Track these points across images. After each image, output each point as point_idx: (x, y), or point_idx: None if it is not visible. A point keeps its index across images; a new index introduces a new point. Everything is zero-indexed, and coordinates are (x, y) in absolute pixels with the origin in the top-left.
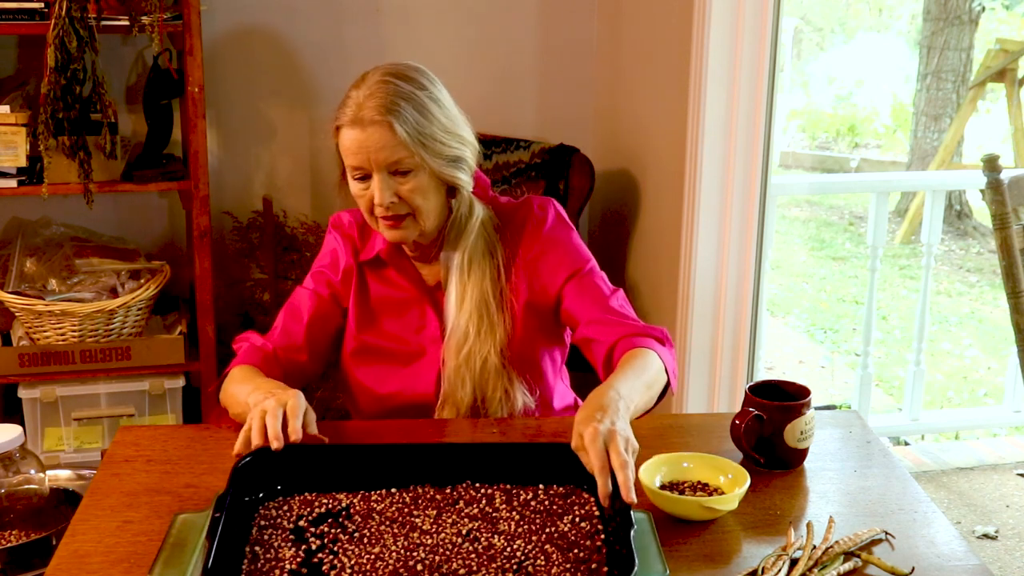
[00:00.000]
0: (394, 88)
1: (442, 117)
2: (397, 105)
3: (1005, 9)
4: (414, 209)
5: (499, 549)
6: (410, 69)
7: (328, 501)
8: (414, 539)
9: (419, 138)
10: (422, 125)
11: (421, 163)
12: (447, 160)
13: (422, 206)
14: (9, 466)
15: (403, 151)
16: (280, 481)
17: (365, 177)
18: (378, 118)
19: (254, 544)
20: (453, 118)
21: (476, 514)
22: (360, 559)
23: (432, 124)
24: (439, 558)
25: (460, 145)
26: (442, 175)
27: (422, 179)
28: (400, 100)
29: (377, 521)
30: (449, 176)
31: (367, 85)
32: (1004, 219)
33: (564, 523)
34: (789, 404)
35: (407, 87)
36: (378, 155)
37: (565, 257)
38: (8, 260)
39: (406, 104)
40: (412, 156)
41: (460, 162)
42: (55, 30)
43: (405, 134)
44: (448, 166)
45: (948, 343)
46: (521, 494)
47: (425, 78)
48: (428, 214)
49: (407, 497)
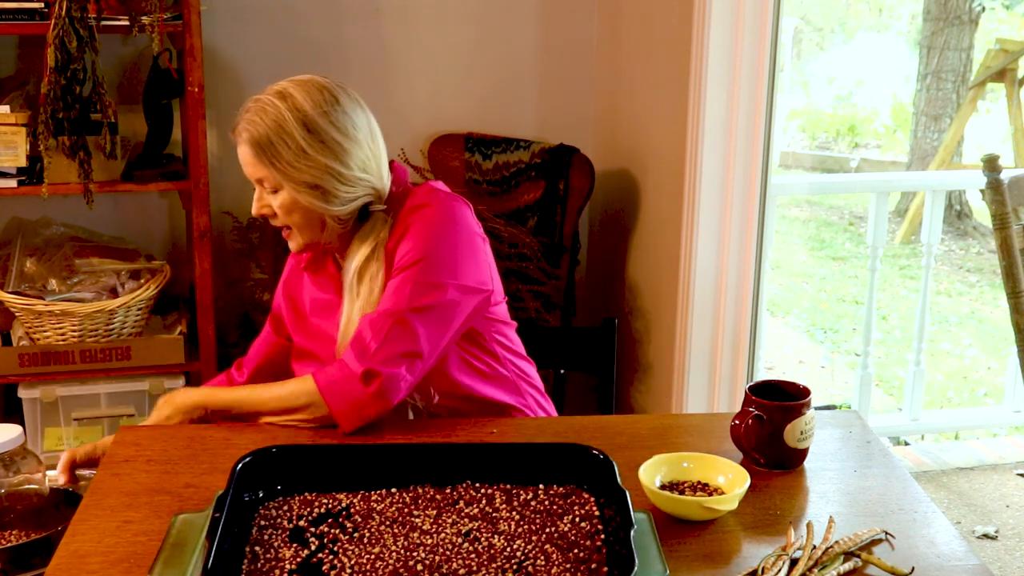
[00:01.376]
0: (267, 106)
1: (303, 141)
2: (258, 126)
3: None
4: (289, 223)
5: (499, 549)
6: (306, 87)
7: (328, 501)
8: (414, 539)
9: (271, 160)
10: (277, 147)
11: (279, 183)
12: (304, 185)
13: (289, 222)
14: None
15: (261, 170)
16: (280, 481)
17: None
18: (242, 135)
19: (254, 544)
20: (324, 143)
21: (476, 514)
22: (360, 559)
23: (288, 147)
24: (439, 558)
25: (321, 173)
26: (300, 199)
27: (285, 198)
28: (263, 120)
29: (377, 521)
30: (307, 203)
31: (254, 98)
32: (1004, 219)
33: (564, 523)
34: (789, 404)
35: (280, 106)
36: (246, 169)
37: (407, 245)
38: (8, 260)
39: (267, 126)
40: (269, 176)
41: (320, 190)
42: (55, 30)
43: (259, 154)
44: (306, 192)
45: (948, 343)
46: (521, 494)
47: (313, 99)
48: (304, 229)
49: (407, 497)
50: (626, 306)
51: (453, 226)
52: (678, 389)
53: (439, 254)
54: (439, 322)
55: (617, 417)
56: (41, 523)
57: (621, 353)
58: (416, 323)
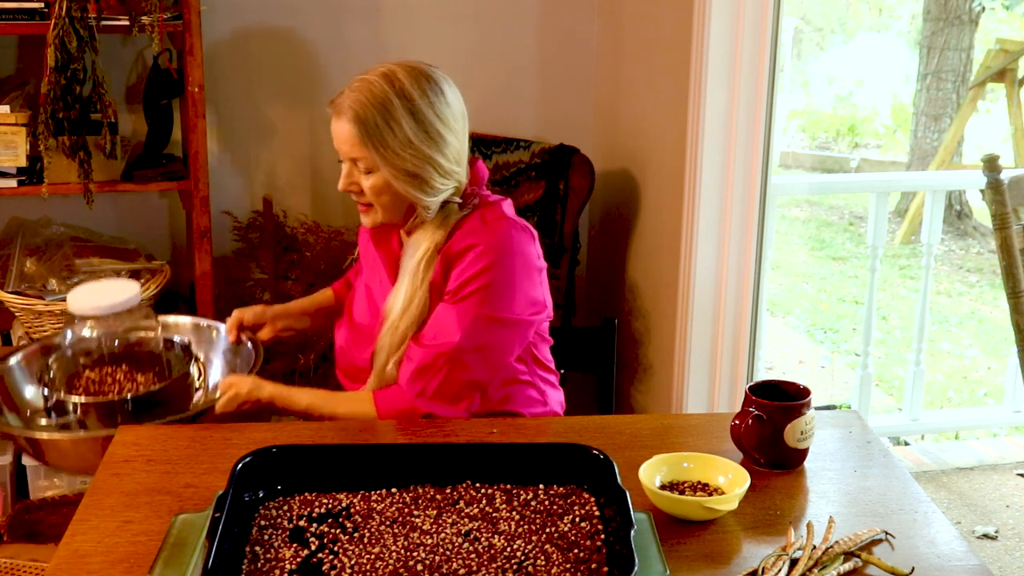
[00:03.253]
0: (375, 88)
1: (409, 130)
2: (365, 107)
3: (1005, 9)
4: (372, 202)
5: (499, 549)
6: (413, 73)
7: (328, 501)
8: (414, 539)
9: (377, 144)
10: (383, 132)
11: (376, 166)
12: (404, 173)
13: (375, 203)
14: (127, 319)
15: (361, 150)
16: (280, 481)
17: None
18: (347, 112)
19: (254, 544)
20: (428, 134)
21: (476, 514)
22: (360, 559)
23: (393, 136)
24: (439, 558)
25: (423, 163)
26: (396, 186)
27: (378, 180)
28: (371, 102)
29: (377, 521)
30: (402, 190)
31: (359, 77)
32: (1004, 219)
33: (564, 523)
34: (789, 404)
35: (387, 91)
36: (341, 146)
37: (469, 267)
38: (8, 260)
39: (375, 108)
40: (368, 158)
41: (418, 179)
42: (55, 30)
43: (364, 136)
44: (404, 179)
45: (948, 343)
46: (521, 494)
47: (420, 87)
48: (386, 210)
49: (407, 497)
50: (626, 306)
51: (517, 257)
52: (678, 389)
53: (500, 283)
54: (495, 357)
55: (617, 417)
56: (157, 373)
57: (621, 353)
58: (473, 362)
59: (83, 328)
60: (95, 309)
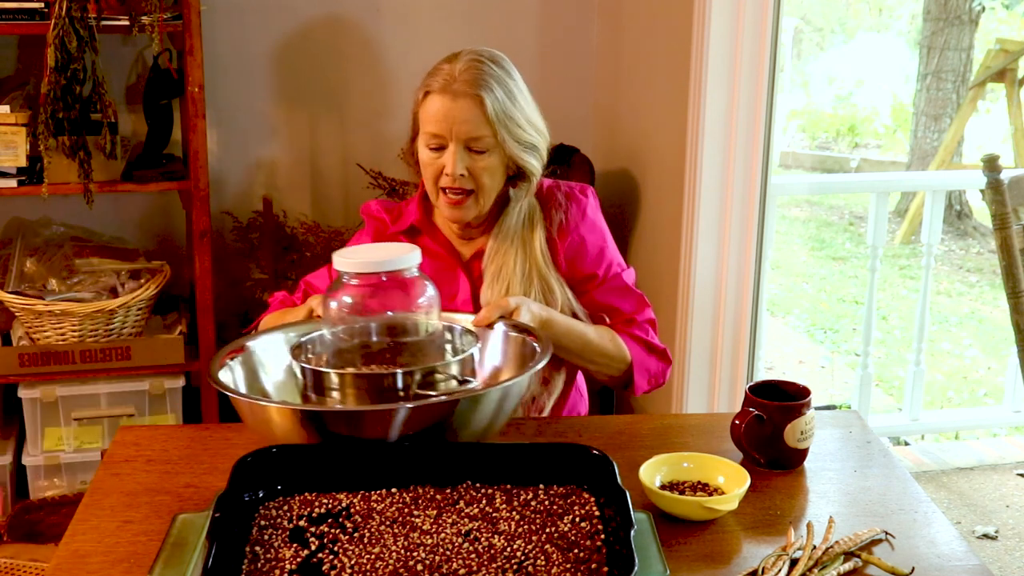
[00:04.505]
0: (488, 68)
1: (525, 105)
2: (489, 84)
3: (1005, 9)
4: (479, 187)
5: (499, 549)
6: (499, 56)
7: (328, 501)
8: (414, 539)
9: (504, 119)
10: (508, 108)
11: (499, 144)
12: (524, 146)
13: (488, 185)
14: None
15: (486, 128)
16: (280, 481)
17: (440, 148)
18: (470, 91)
19: (254, 544)
20: (534, 108)
21: (476, 514)
22: (360, 559)
23: (517, 109)
24: (439, 558)
25: (537, 135)
26: (517, 159)
27: (494, 160)
28: (493, 80)
29: (377, 521)
30: (523, 161)
31: (461, 61)
32: (1004, 219)
33: (564, 523)
34: (789, 404)
35: (498, 70)
36: (461, 127)
37: (601, 246)
38: (8, 260)
39: (497, 85)
40: (493, 135)
41: (535, 150)
42: (55, 30)
43: (493, 112)
44: (524, 151)
45: (948, 343)
46: (521, 494)
47: (511, 67)
48: (490, 194)
49: (407, 497)
50: None
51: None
52: (678, 389)
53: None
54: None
55: (617, 417)
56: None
57: None
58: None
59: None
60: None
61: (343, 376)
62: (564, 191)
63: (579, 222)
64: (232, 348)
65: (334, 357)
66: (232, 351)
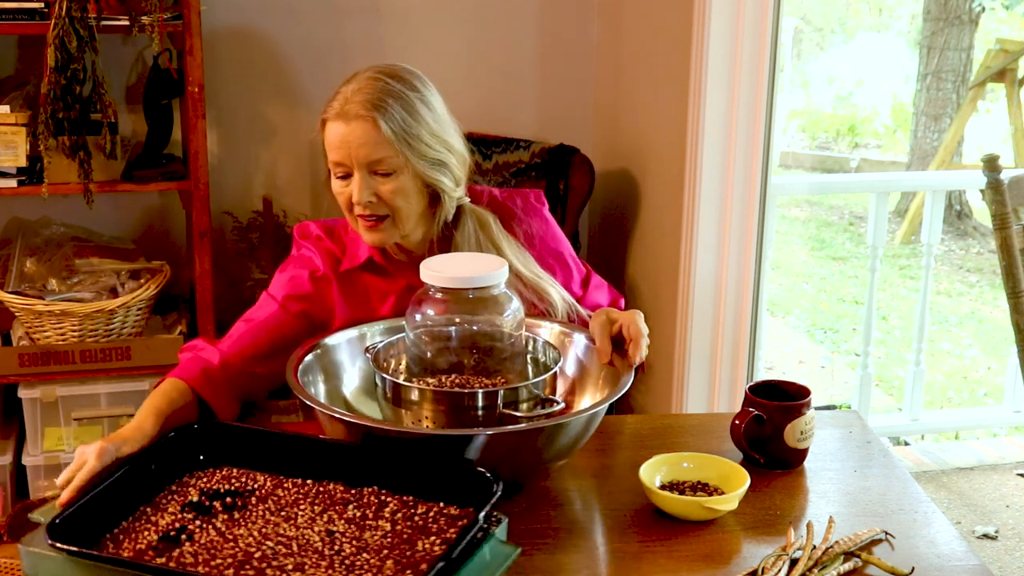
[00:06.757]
0: (383, 85)
1: (430, 120)
2: (384, 102)
3: (1005, 9)
4: (393, 211)
5: (345, 555)
6: (403, 70)
7: (244, 479)
8: (279, 529)
9: (404, 137)
10: (408, 124)
11: (404, 163)
12: (431, 163)
13: (402, 208)
14: (493, 306)
15: (386, 149)
16: (217, 452)
17: (347, 176)
18: (363, 113)
19: (147, 505)
20: (442, 123)
21: (355, 518)
22: (214, 539)
23: (419, 125)
24: (282, 552)
25: (446, 151)
26: (425, 177)
27: (404, 180)
28: (388, 97)
29: (264, 506)
30: (432, 179)
31: (357, 80)
32: (1004, 219)
33: (424, 543)
34: (789, 404)
35: (397, 86)
36: (359, 151)
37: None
38: (8, 260)
39: (394, 102)
40: (395, 156)
41: (444, 167)
42: (55, 30)
43: (390, 131)
44: (432, 169)
45: (948, 343)
46: (417, 507)
47: (418, 80)
48: (408, 217)
49: (314, 489)
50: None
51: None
52: (678, 389)
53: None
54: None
55: (617, 417)
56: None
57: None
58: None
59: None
60: (452, 280)
61: (423, 391)
62: (520, 204)
63: (544, 233)
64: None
65: (415, 365)
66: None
